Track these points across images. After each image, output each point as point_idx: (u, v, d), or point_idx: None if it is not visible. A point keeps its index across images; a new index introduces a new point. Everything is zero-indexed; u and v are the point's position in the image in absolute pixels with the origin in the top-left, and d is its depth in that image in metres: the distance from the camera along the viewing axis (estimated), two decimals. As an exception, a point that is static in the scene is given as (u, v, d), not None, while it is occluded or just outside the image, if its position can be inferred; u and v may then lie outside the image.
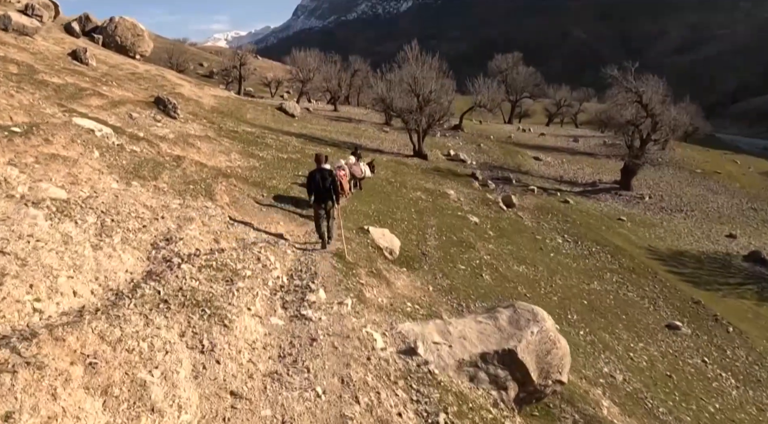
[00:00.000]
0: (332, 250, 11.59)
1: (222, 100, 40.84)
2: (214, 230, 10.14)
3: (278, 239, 11.79)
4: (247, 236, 10.70)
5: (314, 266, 9.81)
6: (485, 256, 18.87)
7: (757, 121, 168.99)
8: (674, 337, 18.14)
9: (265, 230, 12.13)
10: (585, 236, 27.43)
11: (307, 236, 12.79)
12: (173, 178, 13.33)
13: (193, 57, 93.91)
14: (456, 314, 11.40)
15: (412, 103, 37.82)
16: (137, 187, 10.94)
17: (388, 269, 12.57)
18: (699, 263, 28.50)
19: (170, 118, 26.21)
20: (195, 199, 12.23)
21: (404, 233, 18.07)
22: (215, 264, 8.05)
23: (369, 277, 10.77)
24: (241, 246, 9.67)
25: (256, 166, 21.91)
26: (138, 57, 53.77)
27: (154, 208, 9.65)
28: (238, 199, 14.36)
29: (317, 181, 12.02)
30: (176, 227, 9.36)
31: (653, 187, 43.53)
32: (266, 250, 9.84)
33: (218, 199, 13.19)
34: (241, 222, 11.88)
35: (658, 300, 21.37)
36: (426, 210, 23.18)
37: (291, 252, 10.63)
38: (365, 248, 13.39)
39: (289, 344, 6.86)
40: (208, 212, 11.31)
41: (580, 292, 19.21)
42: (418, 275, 13.72)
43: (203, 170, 16.34)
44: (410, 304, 10.39)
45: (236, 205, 13.68)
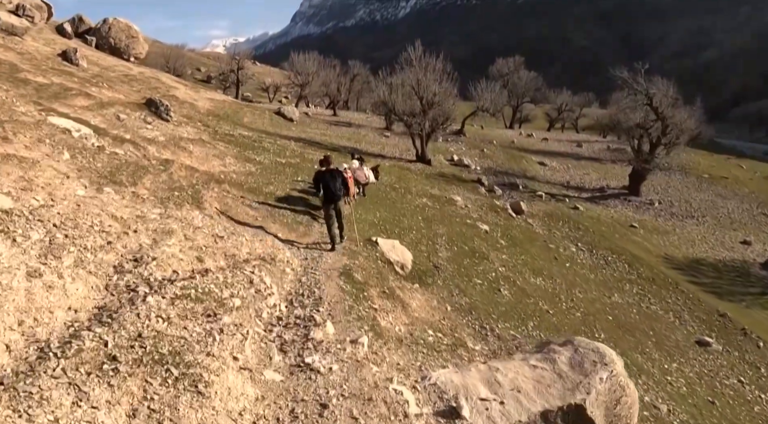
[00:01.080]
0: (338, 266, 10.10)
1: (218, 103, 39.42)
2: (198, 245, 8.55)
3: (276, 253, 10.20)
4: (239, 252, 9.09)
5: (318, 288, 8.26)
6: (500, 268, 17.43)
7: (757, 125, 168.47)
8: (706, 354, 16.79)
9: (261, 242, 10.59)
10: (599, 244, 26.10)
11: (310, 249, 11.31)
12: (156, 183, 11.87)
13: (191, 62, 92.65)
14: (480, 339, 10.00)
15: (415, 107, 36.42)
16: (110, 194, 9.35)
17: (401, 286, 11.11)
18: (717, 272, 27.34)
19: (162, 120, 24.91)
20: (179, 207, 10.70)
21: (413, 244, 16.64)
22: (194, 292, 6.32)
23: (382, 299, 9.29)
24: (230, 265, 8.08)
25: (252, 171, 20.52)
26: (132, 59, 52.43)
27: (125, 219, 8.01)
28: (231, 208, 12.91)
29: (327, 182, 12.14)
30: (151, 242, 7.68)
31: (662, 192, 42.32)
32: (261, 269, 8.28)
33: (207, 207, 11.68)
34: (233, 234, 10.33)
35: (683, 313, 20.05)
36: (434, 218, 21.77)
37: (290, 270, 9.07)
38: (374, 262, 11.95)
39: (290, 413, 5.09)
40: (193, 223, 9.75)
41: (602, 306, 17.79)
42: (433, 291, 12.27)
43: (193, 175, 14.92)
44: (431, 332, 8.89)
45: (228, 214, 12.20)
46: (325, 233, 13.52)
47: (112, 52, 49.86)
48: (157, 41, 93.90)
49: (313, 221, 15.30)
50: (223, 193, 14.17)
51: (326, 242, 12.73)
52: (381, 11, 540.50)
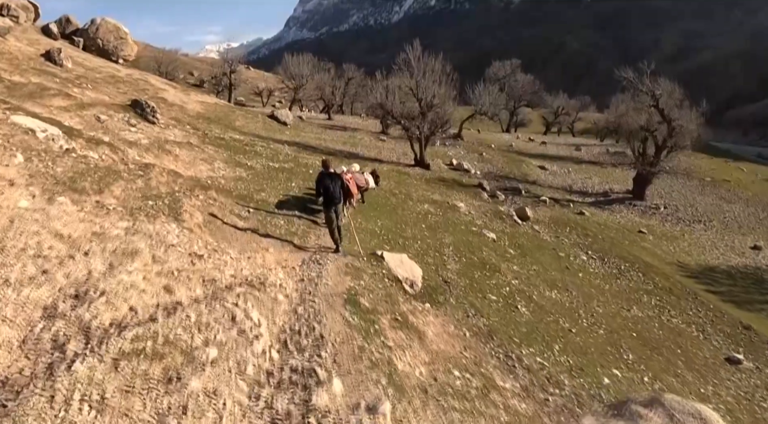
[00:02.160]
0: (341, 289, 8.54)
1: (209, 106, 37.99)
2: (169, 269, 6.87)
3: (266, 274, 8.70)
4: (221, 275, 7.52)
5: (319, 322, 6.59)
6: (513, 280, 16.01)
7: (751, 128, 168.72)
8: (738, 373, 15.42)
9: (249, 261, 9.06)
10: (610, 251, 24.76)
11: (306, 267, 9.79)
12: (129, 191, 10.38)
13: (184, 66, 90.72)
14: (508, 372, 8.58)
15: (414, 109, 35.02)
16: (63, 205, 7.69)
17: (413, 309, 9.58)
18: (732, 279, 26.08)
19: (148, 123, 23.65)
20: (152, 220, 9.14)
21: (419, 255, 15.22)
22: (152, 345, 4.48)
23: (395, 330, 7.75)
24: (208, 295, 6.42)
25: (243, 176, 19.14)
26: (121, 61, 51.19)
27: (74, 238, 6.27)
28: (216, 218, 11.42)
29: (327, 186, 11.98)
30: (105, 269, 5.92)
31: (666, 196, 41.12)
32: (247, 298, 6.67)
33: (187, 219, 10.14)
34: (215, 251, 8.82)
35: (706, 326, 18.70)
36: (437, 225, 20.38)
37: (284, 297, 7.45)
38: (381, 281, 10.45)
39: None
40: (166, 240, 8.20)
41: (624, 321, 16.38)
42: (447, 312, 10.81)
43: (176, 181, 13.47)
44: (457, 372, 7.35)
45: (211, 226, 10.69)
46: (323, 243, 12.76)
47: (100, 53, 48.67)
48: (150, 45, 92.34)
49: (308, 231, 13.87)
50: (208, 202, 12.70)
51: (327, 248, 12.32)
52: (374, 16, 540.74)
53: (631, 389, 10.99)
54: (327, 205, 12.04)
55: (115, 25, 52.73)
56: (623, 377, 11.57)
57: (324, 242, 13.01)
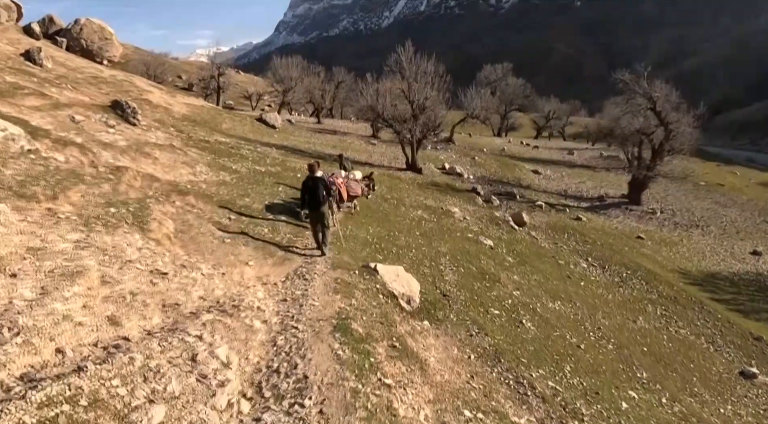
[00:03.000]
0: (330, 312, 7.37)
1: (195, 108, 36.80)
2: (120, 292, 5.57)
3: (243, 294, 7.54)
4: (187, 298, 6.29)
5: (303, 357, 5.34)
6: (514, 292, 15.01)
7: (739, 133, 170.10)
8: (754, 389, 14.58)
9: (223, 278, 7.89)
10: (610, 259, 23.89)
11: (290, 283, 8.66)
12: (90, 197, 9.24)
13: (173, 69, 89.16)
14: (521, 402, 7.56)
15: (406, 112, 33.99)
16: (1, 214, 6.65)
17: (412, 331, 8.44)
18: (735, 287, 25.33)
19: (129, 124, 22.61)
20: (111, 230, 8.01)
21: (415, 265, 14.18)
22: (71, 409, 3.12)
23: (393, 361, 6.57)
24: (166, 326, 5.20)
25: (226, 180, 18.07)
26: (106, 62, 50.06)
27: (2, 256, 5.21)
28: (191, 227, 10.31)
29: (311, 190, 12.06)
30: (34, 296, 4.64)
31: (661, 201, 40.45)
32: (215, 329, 5.49)
33: (154, 228, 8.94)
34: (184, 268, 7.69)
35: (716, 337, 17.89)
36: (432, 232, 19.36)
37: (261, 323, 6.25)
38: (375, 297, 9.33)
39: None
40: (123, 255, 6.98)
41: (632, 335, 15.43)
42: (448, 331, 9.73)
43: (151, 186, 12.40)
44: (467, 411, 6.17)
45: (184, 236, 9.54)
46: (309, 253, 11.90)
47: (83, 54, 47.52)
48: (139, 48, 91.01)
49: (294, 240, 12.78)
50: (184, 208, 11.62)
51: (314, 256, 11.74)
52: (365, 21, 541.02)
53: (651, 413, 10.01)
54: (310, 208, 12.14)
55: (99, 25, 51.48)
56: (641, 400, 10.59)
57: (311, 252, 11.96)
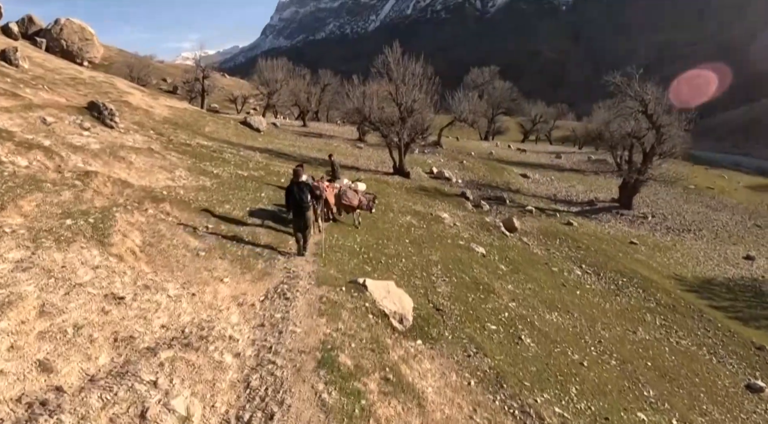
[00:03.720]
0: (314, 341, 6.36)
1: (178, 111, 35.75)
2: (62, 325, 4.53)
3: (214, 319, 6.52)
4: (145, 329, 5.24)
5: (281, 403, 4.18)
6: (510, 303, 14.21)
7: (724, 136, 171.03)
8: (762, 404, 14.01)
9: (193, 299, 6.89)
10: (605, 265, 23.24)
11: (270, 304, 7.68)
12: (46, 206, 8.26)
13: (157, 71, 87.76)
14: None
15: (393, 115, 33.16)
16: None
17: (406, 356, 7.47)
18: (732, 293, 24.86)
19: (105, 126, 21.66)
20: (64, 246, 6.93)
21: (405, 276, 13.33)
22: None
23: (386, 399, 5.57)
24: (114, 370, 4.15)
25: (206, 186, 17.16)
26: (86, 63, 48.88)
27: None
28: (162, 239, 9.35)
29: (295, 194, 12.17)
30: None
31: (652, 205, 40.03)
32: (175, 369, 4.48)
33: (116, 242, 7.90)
34: (147, 289, 6.68)
35: (717, 348, 17.29)
36: (422, 240, 18.53)
37: (233, 358, 5.28)
38: (364, 318, 8.40)
39: None
40: (74, 276, 5.89)
41: (633, 347, 14.69)
42: (444, 352, 8.84)
43: (122, 192, 11.48)
44: None
45: (152, 250, 8.55)
46: (292, 266, 11.12)
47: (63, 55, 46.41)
48: (123, 50, 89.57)
49: (275, 253, 11.85)
50: (157, 217, 10.70)
51: (296, 264, 11.39)
52: (351, 25, 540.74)
53: (664, 439, 9.23)
54: (294, 212, 12.27)
55: (80, 25, 50.25)
56: (650, 422, 9.80)
57: (295, 263, 11.07)
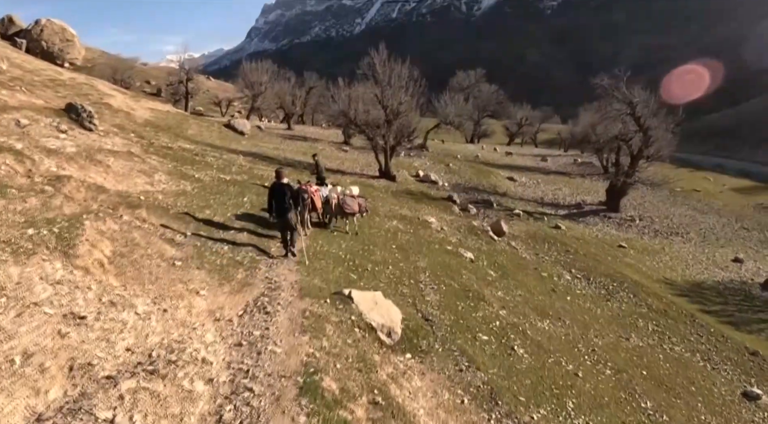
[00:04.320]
0: (295, 363, 5.75)
1: (160, 114, 35.05)
2: (6, 355, 3.93)
3: (185, 340, 5.83)
4: (106, 354, 4.57)
5: None
6: (501, 311, 13.77)
7: (707, 139, 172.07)
8: (760, 412, 13.71)
9: (164, 316, 6.24)
10: (594, 270, 22.90)
11: (249, 319, 7.09)
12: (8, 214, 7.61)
13: (141, 74, 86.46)
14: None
15: (379, 117, 32.67)
16: None
17: (395, 374, 6.93)
18: (721, 297, 24.68)
19: (84, 129, 21.04)
20: (23, 259, 6.25)
21: (392, 284, 12.84)
22: None
23: None
24: (67, 405, 3.57)
25: (187, 190, 16.59)
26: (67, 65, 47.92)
27: None
28: (135, 248, 8.76)
29: (277, 196, 12.34)
30: None
31: (639, 208, 39.97)
32: (137, 402, 3.88)
33: (83, 253, 7.24)
34: (113, 306, 6.03)
35: (711, 354, 16.99)
36: (409, 245, 18.05)
37: (205, 386, 4.71)
38: (350, 332, 7.87)
39: None
40: (30, 294, 5.22)
41: (628, 356, 14.32)
42: (434, 366, 8.34)
43: (95, 198, 10.91)
44: None
45: (123, 261, 7.94)
46: (275, 276, 10.58)
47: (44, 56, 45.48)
48: (106, 52, 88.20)
49: (258, 259, 11.33)
50: (132, 224, 10.14)
51: (278, 274, 10.86)
52: (336, 28, 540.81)
53: (665, 455, 8.81)
54: (277, 214, 12.40)
55: (61, 26, 49.32)
56: (650, 439, 9.41)
57: (277, 273, 10.52)
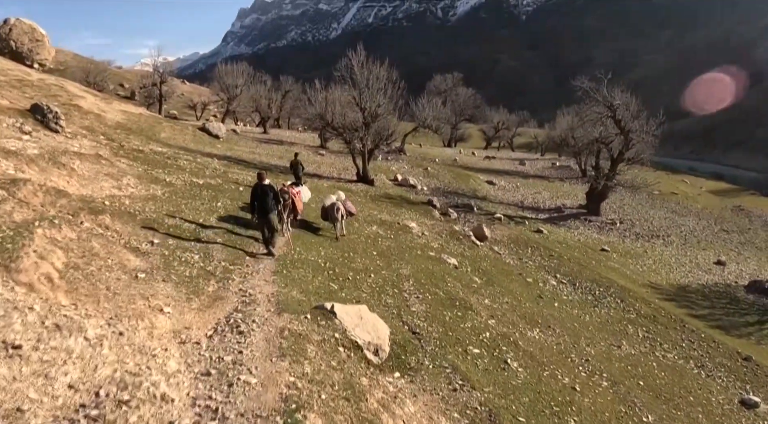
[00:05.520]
0: (272, 398, 4.76)
1: (132, 116, 33.86)
2: None
3: (143, 370, 4.92)
4: (41, 395, 3.78)
5: None
6: (489, 320, 13.06)
7: (681, 143, 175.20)
8: (759, 420, 13.34)
9: (119, 341, 5.28)
10: (579, 274, 22.42)
11: (219, 342, 6.17)
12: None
13: (115, 77, 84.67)
14: None
15: (357, 120, 31.88)
16: None
17: (385, 400, 5.99)
18: (707, 300, 24.56)
19: (50, 130, 20.18)
20: None
21: (375, 294, 12.06)
22: None
23: None
24: None
25: (157, 194, 15.68)
26: (37, 65, 46.42)
27: None
28: (93, 259, 7.85)
29: (260, 197, 12.65)
30: None
31: (618, 211, 39.83)
32: None
33: (28, 267, 6.18)
34: (57, 329, 5.08)
35: (704, 360, 16.60)
36: (391, 252, 17.31)
37: None
38: (334, 354, 6.95)
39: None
40: None
41: (621, 365, 13.74)
42: (426, 386, 7.50)
43: (54, 203, 10.04)
44: None
45: (77, 274, 6.99)
46: (249, 287, 9.81)
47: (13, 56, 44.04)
48: (78, 55, 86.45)
49: (232, 268, 10.47)
50: (92, 232, 9.25)
51: (254, 285, 10.08)
52: (313, 32, 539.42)
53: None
54: (259, 214, 12.69)
55: (30, 25, 47.84)
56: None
57: (252, 284, 9.66)
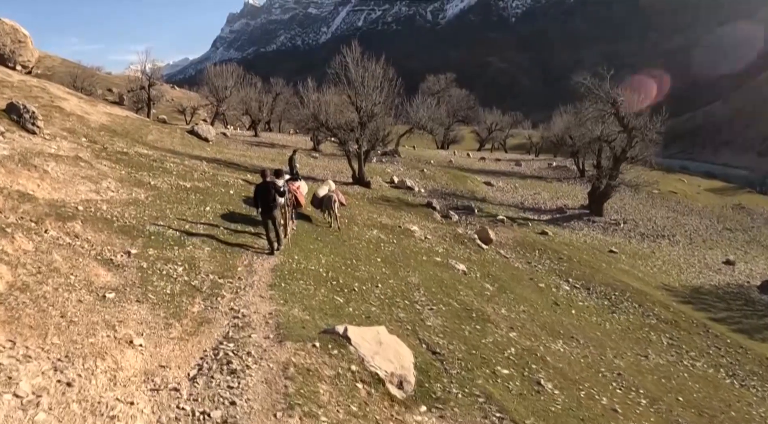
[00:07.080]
0: None
1: (118, 118, 32.48)
2: None
3: None
4: None
5: None
6: (511, 333, 11.77)
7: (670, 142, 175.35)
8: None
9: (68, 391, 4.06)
10: (592, 278, 21.24)
11: (204, 382, 4.81)
12: None
13: (103, 82, 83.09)
14: None
15: (352, 120, 30.52)
16: None
17: None
18: (723, 302, 23.52)
19: (26, 131, 18.81)
20: None
21: (386, 307, 10.75)
22: None
23: None
24: None
25: (139, 199, 14.35)
26: (20, 68, 44.89)
27: None
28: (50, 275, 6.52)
29: (262, 193, 12.79)
30: None
31: (620, 211, 38.82)
32: None
33: None
34: None
35: (735, 368, 15.43)
36: (396, 258, 16.04)
37: None
38: (352, 394, 5.57)
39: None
40: None
41: (655, 378, 12.49)
42: (458, 420, 6.19)
43: (16, 209, 8.86)
44: None
45: (24, 298, 5.56)
46: (242, 305, 8.45)
47: (-5, 58, 42.49)
48: (66, 60, 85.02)
49: (222, 283, 9.12)
50: (58, 241, 7.95)
51: (248, 304, 8.60)
52: (302, 37, 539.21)
53: None
54: (263, 211, 12.76)
55: (12, 26, 46.32)
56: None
57: (246, 301, 8.26)
